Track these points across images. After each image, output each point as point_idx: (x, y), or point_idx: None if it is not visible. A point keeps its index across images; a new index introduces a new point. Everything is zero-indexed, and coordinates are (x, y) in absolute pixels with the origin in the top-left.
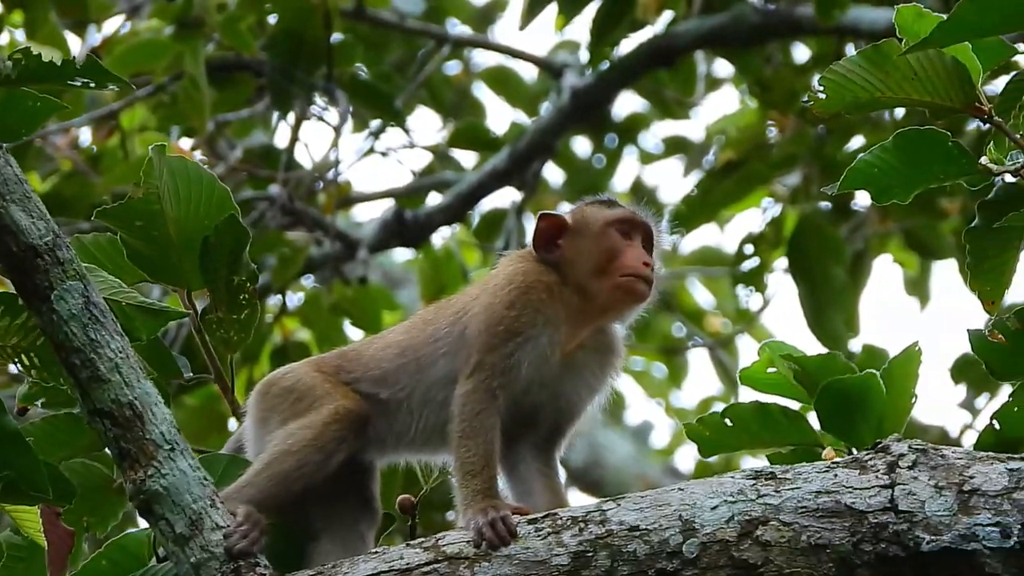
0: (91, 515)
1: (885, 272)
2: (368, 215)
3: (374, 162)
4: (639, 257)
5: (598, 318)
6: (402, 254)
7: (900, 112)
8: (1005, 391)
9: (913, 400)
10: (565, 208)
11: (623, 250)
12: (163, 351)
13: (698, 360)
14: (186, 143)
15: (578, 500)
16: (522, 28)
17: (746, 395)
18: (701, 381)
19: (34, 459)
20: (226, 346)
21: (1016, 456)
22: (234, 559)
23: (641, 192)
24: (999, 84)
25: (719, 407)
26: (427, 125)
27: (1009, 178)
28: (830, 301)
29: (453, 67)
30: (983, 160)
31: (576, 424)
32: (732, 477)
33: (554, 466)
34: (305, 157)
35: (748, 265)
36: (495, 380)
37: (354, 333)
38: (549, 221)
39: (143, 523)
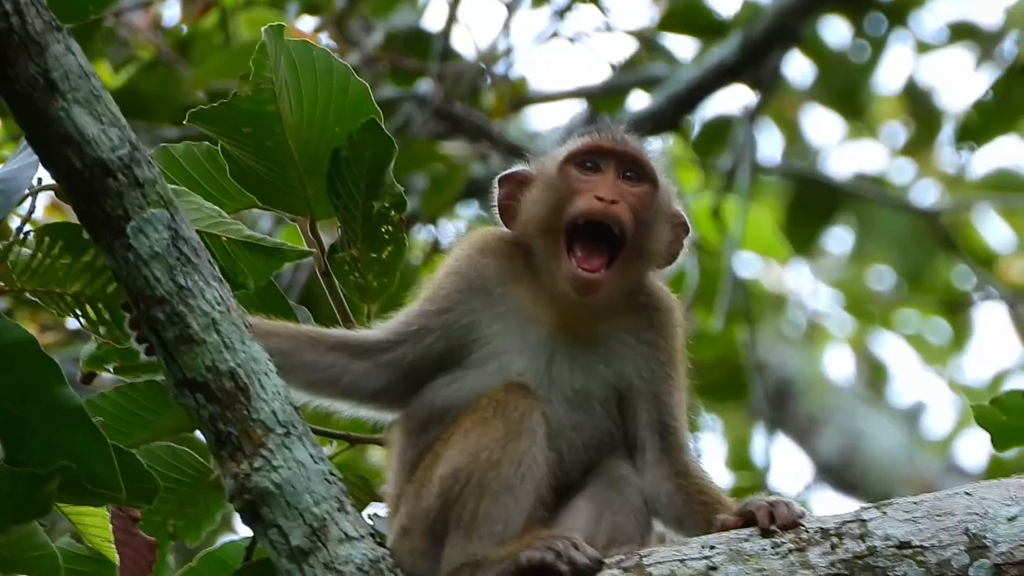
0: (179, 517)
1: None
2: (550, 121)
3: (558, 50)
4: (594, 191)
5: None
6: None
7: None
8: None
9: None
10: None
11: (579, 189)
12: (277, 301)
13: (990, 317)
14: (308, 24)
15: (830, 505)
16: None
17: None
18: (994, 345)
19: (102, 446)
20: (362, 294)
21: None
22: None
23: (914, 95)
24: None
25: (1020, 381)
26: (630, 1)
27: None
28: None
29: None
30: None
31: (669, 412)
32: None
33: (686, 468)
34: (466, 44)
35: None
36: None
37: None
38: (511, 183)
39: (246, 529)
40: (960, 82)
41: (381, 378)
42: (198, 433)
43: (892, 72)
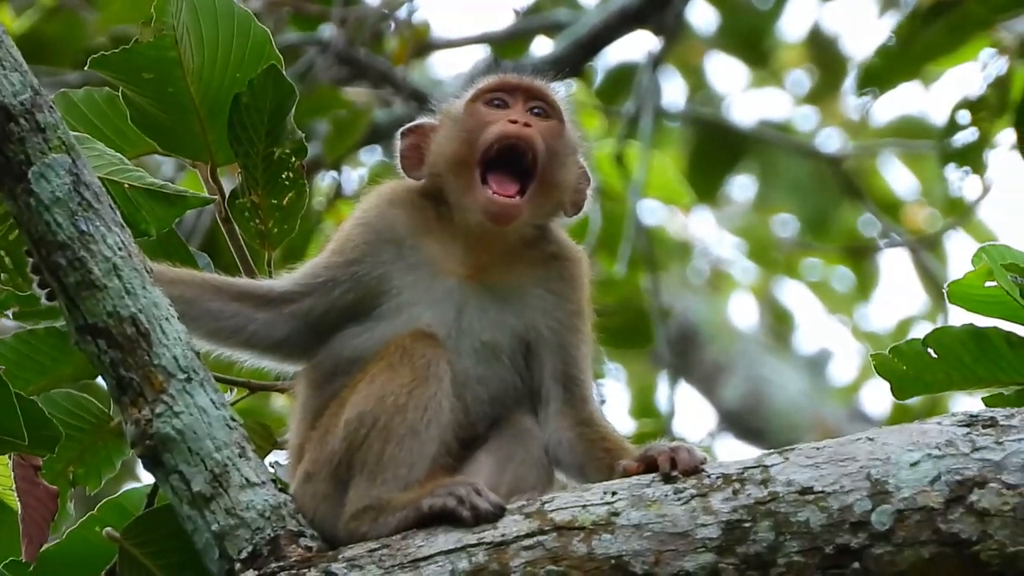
0: (80, 465)
1: None
2: (453, 67)
3: None
4: (506, 117)
5: (480, 236)
6: None
7: None
8: None
9: None
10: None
11: (489, 121)
12: (178, 247)
13: (894, 265)
14: None
15: (734, 452)
16: None
17: (957, 315)
18: (898, 293)
19: (4, 392)
20: (263, 240)
21: None
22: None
23: (818, 42)
24: None
25: (924, 328)
26: None
27: None
28: None
29: None
30: None
31: (575, 364)
32: (938, 424)
33: (589, 417)
34: None
35: (962, 139)
36: None
37: None
38: (414, 135)
39: (149, 476)
40: (864, 29)
41: (285, 329)
42: (99, 380)
43: (796, 19)
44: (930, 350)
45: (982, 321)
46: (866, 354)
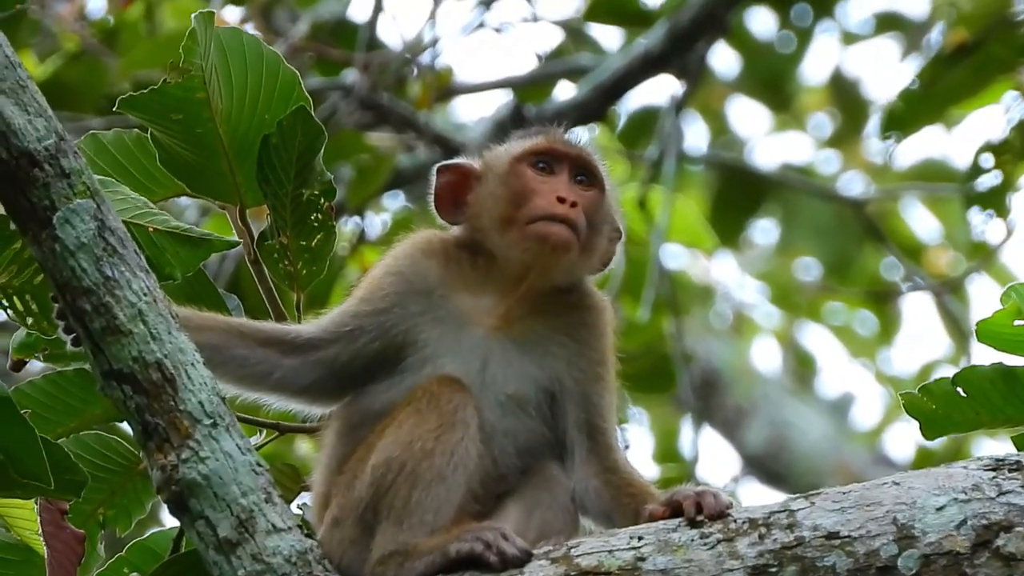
0: (108, 506)
1: None
2: (476, 112)
3: (484, 41)
4: (554, 192)
5: (518, 283)
6: None
7: None
8: None
9: None
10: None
11: (536, 189)
12: (206, 289)
13: (917, 309)
14: (233, 15)
15: (757, 497)
16: None
17: (984, 356)
18: (920, 338)
19: (31, 437)
20: (291, 282)
21: None
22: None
23: (840, 86)
24: None
25: (947, 372)
26: None
27: None
28: None
29: None
30: None
31: (598, 413)
32: (964, 468)
33: (614, 464)
34: (392, 33)
35: (986, 182)
36: None
37: None
38: (451, 173)
39: (172, 520)
40: (886, 73)
41: (311, 375)
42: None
43: (818, 63)
44: (959, 389)
45: (1011, 360)
46: (890, 398)
